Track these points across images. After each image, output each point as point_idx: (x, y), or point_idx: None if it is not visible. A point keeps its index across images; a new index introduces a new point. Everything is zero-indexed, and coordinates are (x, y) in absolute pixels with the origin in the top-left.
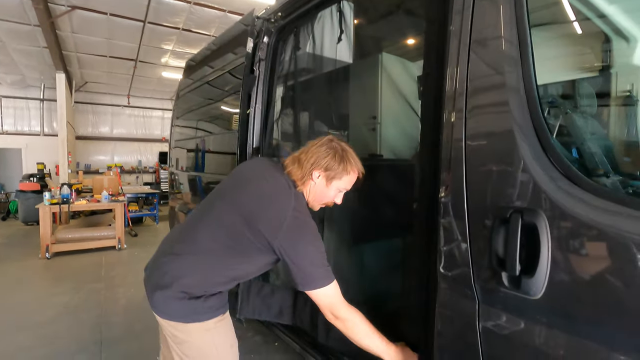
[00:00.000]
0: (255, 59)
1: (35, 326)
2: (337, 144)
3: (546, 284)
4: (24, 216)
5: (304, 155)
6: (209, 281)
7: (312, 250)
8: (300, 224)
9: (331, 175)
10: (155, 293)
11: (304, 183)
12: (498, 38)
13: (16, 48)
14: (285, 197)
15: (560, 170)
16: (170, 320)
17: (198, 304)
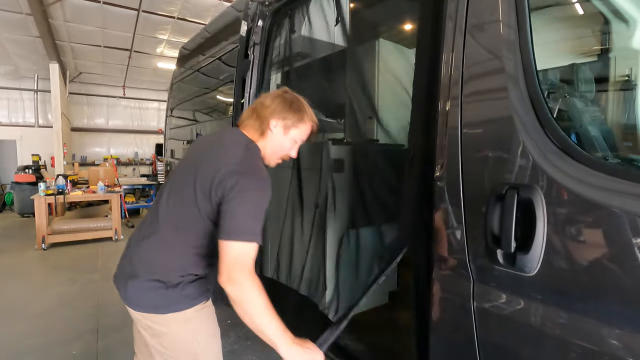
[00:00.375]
0: (249, 43)
1: (32, 316)
2: (291, 94)
3: (541, 261)
4: (19, 208)
5: (260, 106)
6: (177, 262)
7: (255, 200)
8: (252, 170)
9: (288, 124)
10: (127, 284)
11: (262, 134)
12: (496, 22)
13: (8, 37)
14: (236, 146)
15: (557, 144)
16: (146, 313)
17: (175, 292)
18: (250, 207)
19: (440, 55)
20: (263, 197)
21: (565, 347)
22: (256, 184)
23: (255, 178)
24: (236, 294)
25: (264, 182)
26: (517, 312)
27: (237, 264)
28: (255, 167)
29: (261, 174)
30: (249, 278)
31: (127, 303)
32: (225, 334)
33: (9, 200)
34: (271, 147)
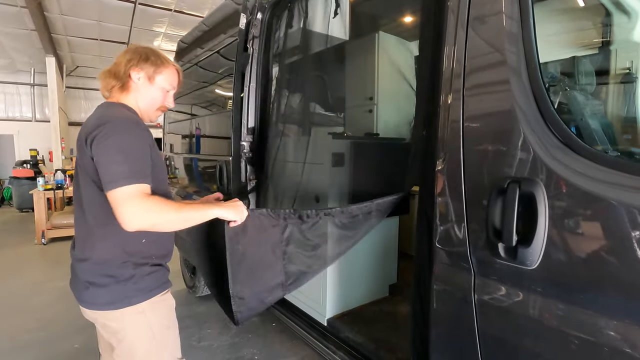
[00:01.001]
0: (248, 36)
1: (33, 310)
2: (142, 47)
3: (542, 254)
4: (18, 203)
5: (115, 65)
6: (109, 249)
7: (117, 144)
8: (109, 119)
9: (151, 71)
10: (79, 285)
11: (123, 88)
12: (499, 14)
13: (3, 31)
14: (96, 111)
15: (559, 137)
16: (101, 310)
17: (128, 286)
18: (114, 153)
19: (442, 48)
20: (125, 139)
21: (565, 339)
22: (114, 129)
23: (112, 124)
24: (141, 226)
25: (122, 124)
26: (518, 305)
27: (120, 207)
28: (113, 116)
29: (119, 119)
30: (138, 208)
31: (82, 303)
32: (226, 327)
33: (8, 195)
34: (143, 101)
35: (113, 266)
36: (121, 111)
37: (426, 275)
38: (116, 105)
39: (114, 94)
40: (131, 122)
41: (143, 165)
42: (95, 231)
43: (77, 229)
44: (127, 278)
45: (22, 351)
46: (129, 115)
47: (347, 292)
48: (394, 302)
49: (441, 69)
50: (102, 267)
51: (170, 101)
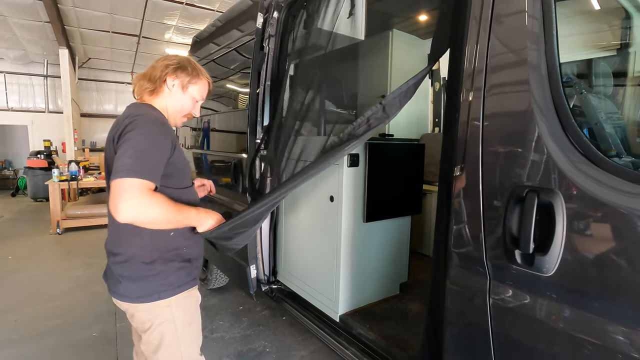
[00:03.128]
0: (265, 35)
1: (50, 298)
2: (180, 56)
3: (559, 262)
4: (32, 192)
5: (151, 69)
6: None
7: (135, 139)
8: (135, 118)
9: (185, 81)
10: (113, 278)
11: (155, 92)
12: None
13: (17, 22)
14: (125, 111)
15: (580, 150)
16: (132, 303)
17: (157, 281)
18: (129, 147)
19: (464, 48)
20: (144, 138)
21: (580, 346)
22: (137, 126)
23: (136, 122)
24: (130, 220)
25: (146, 124)
26: (533, 310)
27: (117, 196)
28: (139, 115)
29: (145, 118)
30: (134, 202)
31: (114, 295)
32: (238, 319)
33: (22, 184)
34: (173, 107)
35: (143, 261)
36: (149, 111)
37: (441, 277)
38: (145, 106)
39: (146, 96)
40: (157, 122)
41: (152, 165)
42: (127, 226)
43: (110, 222)
44: (156, 273)
45: (41, 339)
46: (156, 115)
47: (359, 290)
48: (405, 300)
49: (461, 71)
50: (133, 262)
51: (197, 110)
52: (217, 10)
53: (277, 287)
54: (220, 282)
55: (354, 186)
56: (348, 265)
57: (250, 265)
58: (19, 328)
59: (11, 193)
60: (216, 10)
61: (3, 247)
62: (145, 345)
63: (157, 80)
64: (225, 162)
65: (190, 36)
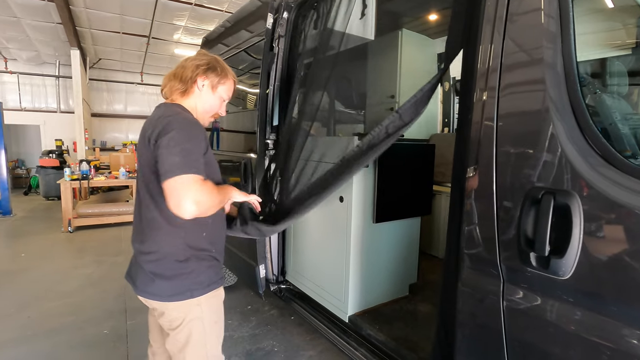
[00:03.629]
0: (274, 35)
1: (62, 296)
2: (209, 55)
3: (575, 265)
4: (44, 191)
5: (181, 69)
6: (174, 241)
7: (176, 138)
8: (171, 118)
9: (215, 81)
10: (140, 277)
11: (186, 92)
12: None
13: (30, 24)
14: (157, 111)
15: (597, 151)
16: (163, 301)
17: (190, 279)
18: (172, 146)
19: (477, 48)
20: (183, 134)
21: (596, 351)
22: (173, 125)
23: (172, 121)
24: (195, 213)
25: (182, 122)
26: (548, 313)
27: (175, 195)
28: (173, 114)
29: (178, 116)
30: (193, 196)
31: (144, 294)
32: (246, 319)
33: (35, 183)
34: (202, 107)
35: (177, 259)
36: (180, 111)
37: (453, 278)
38: (176, 106)
39: (175, 96)
40: (191, 120)
41: (197, 159)
42: (162, 225)
43: (142, 222)
44: (189, 272)
45: (53, 335)
46: (188, 115)
47: (368, 290)
48: (414, 301)
49: (475, 68)
50: (168, 260)
51: (223, 109)
52: (225, 10)
53: (286, 286)
54: (229, 281)
55: (363, 187)
56: (357, 265)
57: (259, 265)
58: (32, 324)
59: (24, 192)
60: (225, 11)
61: (16, 244)
62: (171, 344)
63: (188, 81)
64: (235, 162)
65: (199, 36)
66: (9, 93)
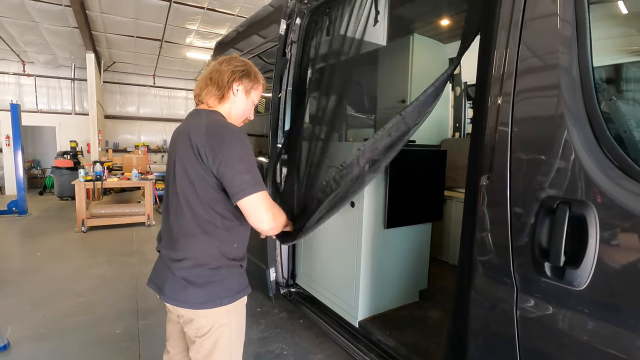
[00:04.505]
0: (287, 41)
1: (76, 295)
2: (240, 59)
3: (591, 276)
4: (59, 191)
5: (216, 74)
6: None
7: (236, 155)
8: (220, 131)
9: (249, 87)
10: (169, 284)
11: (222, 98)
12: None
13: (48, 28)
14: (199, 120)
15: (614, 161)
16: (194, 309)
17: (221, 287)
18: (237, 162)
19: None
20: (242, 149)
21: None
22: (230, 138)
23: (227, 133)
24: (275, 228)
25: (236, 135)
26: (563, 324)
27: (256, 212)
28: (223, 126)
29: (230, 129)
30: (271, 212)
31: (173, 302)
32: (256, 321)
33: (50, 183)
34: (236, 111)
35: (210, 267)
36: (225, 121)
37: (466, 286)
38: (217, 114)
39: (212, 101)
40: (239, 130)
41: (258, 172)
42: (196, 233)
43: (173, 228)
44: (221, 279)
45: (67, 334)
46: (232, 124)
47: (378, 296)
48: (424, 307)
49: (490, 73)
50: (201, 268)
51: (252, 113)
52: (237, 14)
53: (296, 290)
54: None
55: (375, 192)
56: (368, 271)
57: (269, 268)
58: (47, 322)
59: (39, 191)
60: (236, 15)
61: (32, 243)
62: (196, 352)
63: (224, 87)
64: None
65: (211, 40)
66: (26, 95)
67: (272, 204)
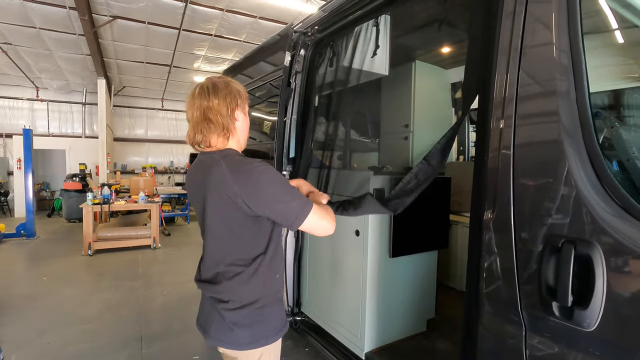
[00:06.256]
0: (292, 72)
1: (81, 321)
2: (222, 82)
3: (601, 317)
4: (67, 213)
5: (212, 113)
6: (253, 288)
7: (269, 185)
8: (242, 169)
9: (244, 106)
10: (221, 325)
11: (228, 132)
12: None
13: (62, 56)
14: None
15: (617, 200)
16: (240, 350)
17: (265, 327)
18: (280, 196)
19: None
20: (274, 178)
21: None
22: (263, 181)
23: (254, 172)
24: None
25: (261, 170)
26: None
27: (316, 227)
28: (247, 169)
29: (253, 167)
30: (324, 219)
31: (220, 343)
32: None
33: (58, 205)
34: (243, 136)
35: (255, 307)
36: (242, 158)
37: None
38: (231, 152)
39: (220, 142)
40: (263, 163)
41: (297, 191)
42: (242, 272)
43: (217, 267)
44: (264, 319)
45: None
46: (253, 160)
47: (385, 326)
48: (432, 337)
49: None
50: (247, 309)
51: (248, 119)
52: (244, 40)
53: (301, 318)
54: None
55: (379, 221)
56: (374, 300)
57: None
58: (52, 350)
59: (47, 214)
60: (243, 41)
61: (39, 267)
62: None
63: (228, 122)
64: None
65: (218, 65)
66: (38, 119)
67: (322, 209)
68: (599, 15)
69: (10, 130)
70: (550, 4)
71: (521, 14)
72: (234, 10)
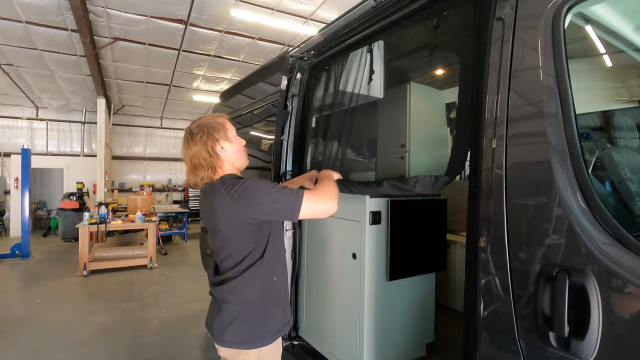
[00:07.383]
0: (288, 94)
1: (74, 346)
2: (195, 127)
3: (598, 347)
4: (63, 233)
5: (196, 159)
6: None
7: (258, 191)
8: (235, 186)
9: (223, 135)
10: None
11: (216, 167)
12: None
13: (63, 76)
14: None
15: (609, 231)
16: (236, 348)
17: (262, 329)
18: (272, 196)
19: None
20: (263, 186)
21: None
22: (256, 191)
23: (250, 191)
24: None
25: (251, 184)
26: None
27: (315, 210)
28: (241, 188)
29: (246, 185)
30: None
31: (221, 342)
32: None
33: (54, 225)
34: (236, 159)
35: (254, 308)
36: (234, 178)
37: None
38: (228, 177)
39: (214, 175)
40: (252, 178)
41: (286, 187)
42: (242, 275)
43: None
44: (261, 321)
45: None
46: (243, 178)
47: (384, 351)
48: None
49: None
50: (247, 309)
51: (243, 141)
52: (242, 60)
53: (298, 343)
54: None
55: (376, 244)
56: (372, 325)
57: None
58: None
59: (43, 233)
60: (241, 61)
61: (32, 289)
62: None
63: (213, 160)
64: None
65: (216, 84)
66: (37, 138)
67: (315, 193)
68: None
69: (9, 149)
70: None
71: (509, 41)
72: (233, 32)
